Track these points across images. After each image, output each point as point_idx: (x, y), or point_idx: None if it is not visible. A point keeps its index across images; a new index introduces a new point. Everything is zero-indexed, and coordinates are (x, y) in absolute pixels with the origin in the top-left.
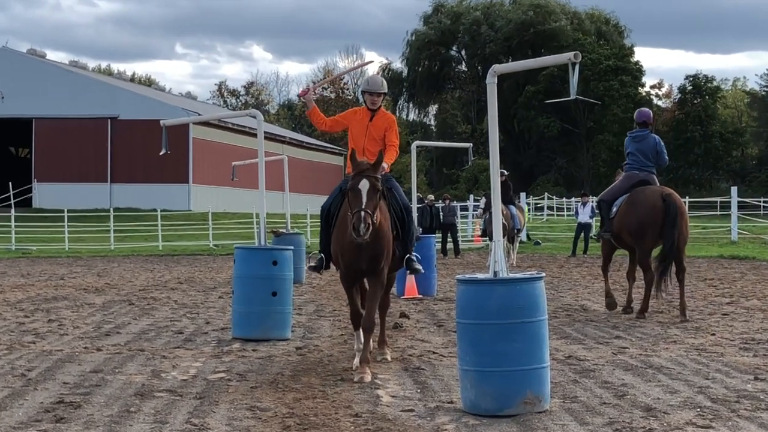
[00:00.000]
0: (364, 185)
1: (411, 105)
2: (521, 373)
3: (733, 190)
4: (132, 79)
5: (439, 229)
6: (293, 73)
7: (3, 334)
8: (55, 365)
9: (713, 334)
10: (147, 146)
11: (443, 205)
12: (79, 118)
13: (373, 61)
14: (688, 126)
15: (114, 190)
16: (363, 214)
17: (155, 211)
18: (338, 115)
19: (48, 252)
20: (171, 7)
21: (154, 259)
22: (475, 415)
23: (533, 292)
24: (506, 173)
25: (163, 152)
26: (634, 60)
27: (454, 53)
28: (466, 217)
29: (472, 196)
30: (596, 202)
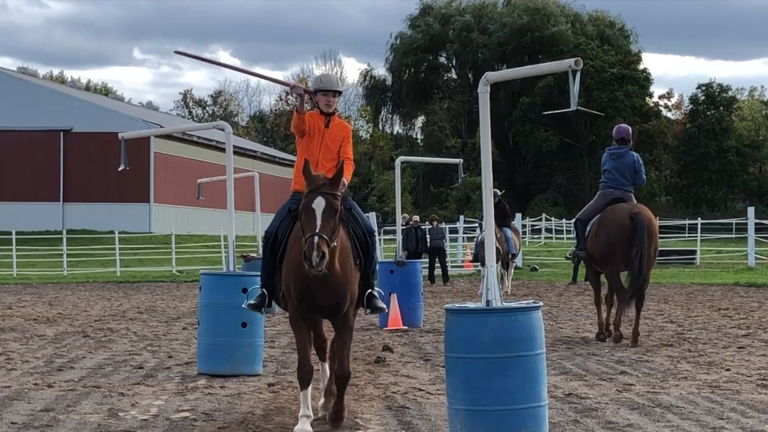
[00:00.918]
0: (319, 204)
1: (395, 116)
2: (516, 413)
3: (750, 210)
4: (87, 88)
5: (426, 253)
6: (264, 82)
7: None
8: (1, 403)
9: (728, 370)
10: (103, 162)
11: (430, 227)
12: (29, 130)
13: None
14: (700, 140)
15: (67, 210)
16: (317, 239)
17: (113, 233)
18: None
19: None
20: (128, 9)
21: (111, 286)
22: None
23: (530, 323)
24: (500, 193)
25: (121, 168)
26: (641, 68)
27: (443, 59)
28: (455, 240)
29: (462, 217)
30: (573, 221)
